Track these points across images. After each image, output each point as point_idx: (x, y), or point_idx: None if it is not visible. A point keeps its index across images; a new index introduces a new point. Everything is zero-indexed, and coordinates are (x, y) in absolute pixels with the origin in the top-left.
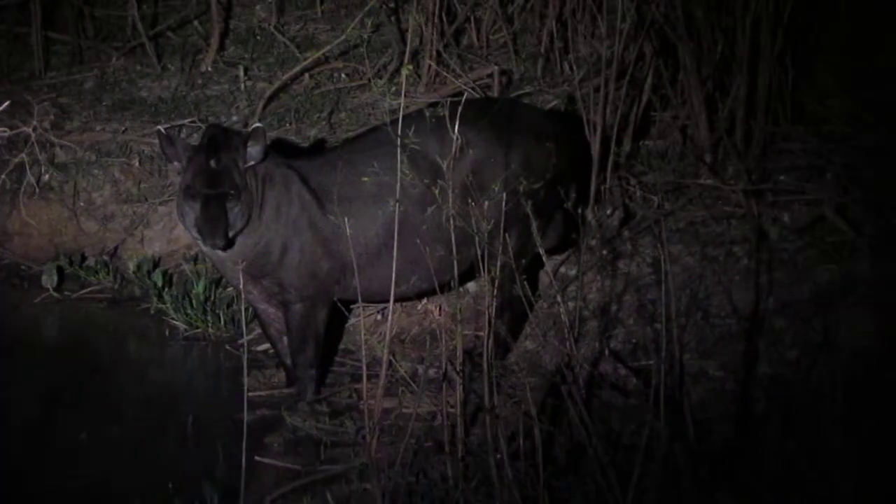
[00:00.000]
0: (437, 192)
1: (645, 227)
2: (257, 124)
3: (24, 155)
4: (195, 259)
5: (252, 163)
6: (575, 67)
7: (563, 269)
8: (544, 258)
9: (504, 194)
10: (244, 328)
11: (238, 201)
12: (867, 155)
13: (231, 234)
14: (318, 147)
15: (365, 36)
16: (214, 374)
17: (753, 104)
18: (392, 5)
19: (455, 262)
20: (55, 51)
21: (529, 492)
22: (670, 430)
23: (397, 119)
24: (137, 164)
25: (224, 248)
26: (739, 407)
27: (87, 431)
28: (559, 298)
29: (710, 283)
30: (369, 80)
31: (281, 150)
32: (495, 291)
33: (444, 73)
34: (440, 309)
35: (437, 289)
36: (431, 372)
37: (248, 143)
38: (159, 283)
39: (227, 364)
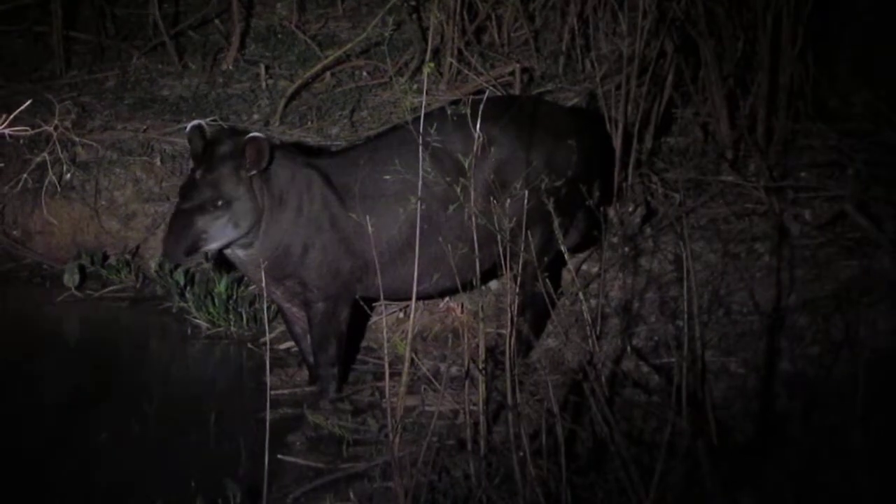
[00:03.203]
0: (459, 190)
1: (666, 224)
2: (254, 134)
3: (45, 154)
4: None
5: (254, 171)
6: (596, 65)
7: (585, 267)
8: (566, 256)
9: (527, 192)
10: (266, 326)
11: (226, 211)
12: (888, 152)
13: (216, 245)
14: (341, 145)
15: (386, 34)
16: (237, 372)
17: (774, 101)
18: (413, 3)
19: (478, 261)
20: (76, 50)
21: (552, 489)
22: (692, 427)
23: (425, 118)
24: (159, 162)
25: (181, 263)
26: (761, 404)
27: (110, 430)
28: (581, 296)
29: (731, 279)
30: (391, 78)
31: (304, 149)
32: (517, 289)
33: (466, 71)
34: (462, 307)
35: (460, 287)
36: (454, 370)
37: (246, 153)
38: (181, 282)
39: (250, 362)
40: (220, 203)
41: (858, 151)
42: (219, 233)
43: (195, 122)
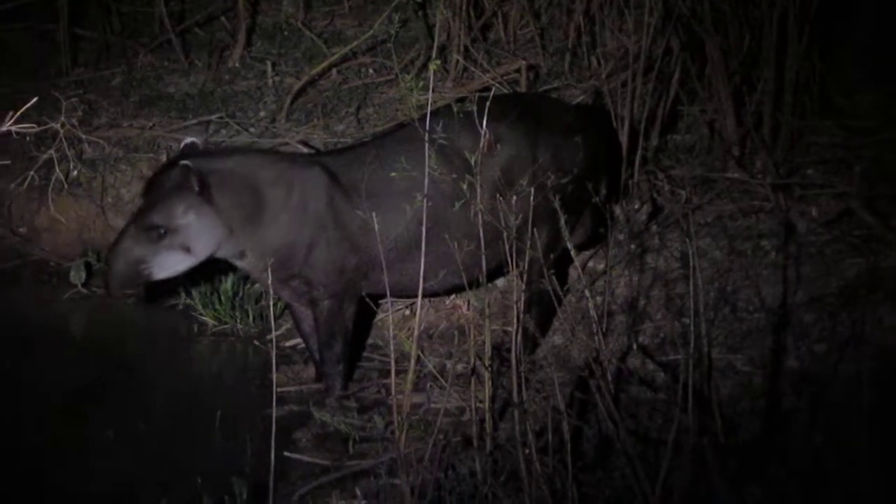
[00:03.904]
0: (466, 187)
1: (673, 222)
2: (183, 162)
3: (52, 151)
4: None
5: (201, 196)
6: (602, 62)
7: (591, 264)
8: (573, 253)
9: (534, 190)
10: (272, 324)
11: (172, 239)
12: (894, 149)
13: (167, 273)
14: (348, 142)
15: (392, 31)
16: (243, 369)
17: (781, 98)
18: (419, 0)
19: (484, 258)
20: (82, 47)
21: (558, 486)
22: (698, 425)
23: (431, 114)
24: (165, 159)
25: (121, 295)
26: (767, 401)
27: (116, 427)
28: (587, 293)
29: (738, 277)
30: (397, 75)
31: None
32: (524, 286)
33: (472, 68)
34: (468, 304)
35: (466, 284)
36: (460, 367)
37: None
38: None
39: (256, 360)
40: (162, 231)
41: (865, 148)
42: (166, 261)
43: (188, 139)
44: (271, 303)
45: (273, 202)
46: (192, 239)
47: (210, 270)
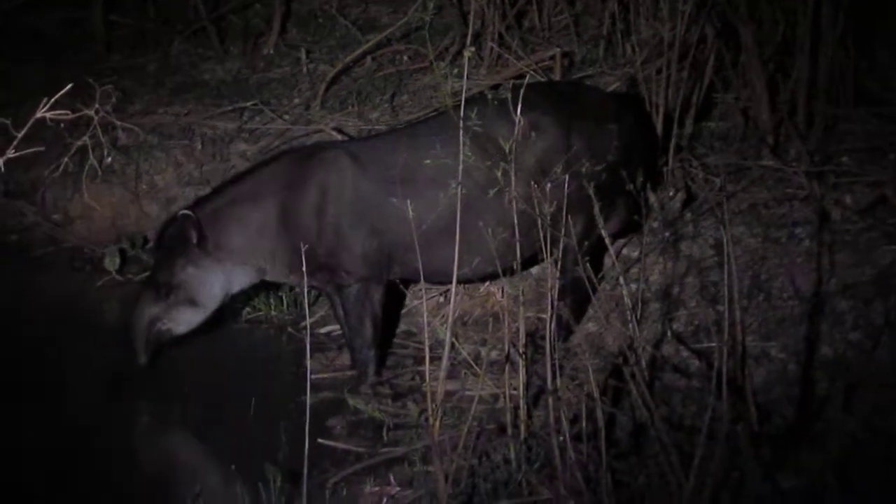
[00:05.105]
0: (500, 175)
1: (707, 209)
2: (182, 211)
3: (86, 138)
4: None
5: (198, 246)
6: (637, 49)
7: (625, 251)
8: (608, 241)
9: (569, 177)
10: (307, 311)
11: (177, 295)
12: None
13: (183, 329)
14: (381, 129)
15: (427, 18)
16: (277, 356)
17: (815, 86)
18: None
19: (518, 246)
20: (117, 34)
21: (592, 474)
22: (732, 412)
23: (467, 102)
24: (199, 146)
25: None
26: (801, 389)
27: (151, 413)
28: (621, 280)
29: (772, 264)
30: (431, 62)
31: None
32: (558, 274)
33: (506, 56)
34: (502, 291)
35: (500, 271)
36: (494, 354)
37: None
38: None
39: (289, 347)
40: (168, 288)
41: None
42: (178, 317)
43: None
44: (306, 290)
45: (285, 210)
46: (194, 292)
47: None
